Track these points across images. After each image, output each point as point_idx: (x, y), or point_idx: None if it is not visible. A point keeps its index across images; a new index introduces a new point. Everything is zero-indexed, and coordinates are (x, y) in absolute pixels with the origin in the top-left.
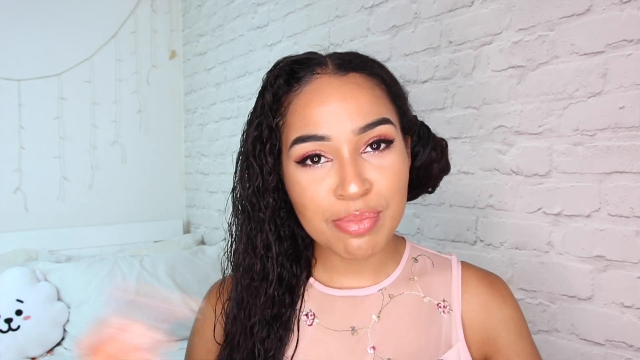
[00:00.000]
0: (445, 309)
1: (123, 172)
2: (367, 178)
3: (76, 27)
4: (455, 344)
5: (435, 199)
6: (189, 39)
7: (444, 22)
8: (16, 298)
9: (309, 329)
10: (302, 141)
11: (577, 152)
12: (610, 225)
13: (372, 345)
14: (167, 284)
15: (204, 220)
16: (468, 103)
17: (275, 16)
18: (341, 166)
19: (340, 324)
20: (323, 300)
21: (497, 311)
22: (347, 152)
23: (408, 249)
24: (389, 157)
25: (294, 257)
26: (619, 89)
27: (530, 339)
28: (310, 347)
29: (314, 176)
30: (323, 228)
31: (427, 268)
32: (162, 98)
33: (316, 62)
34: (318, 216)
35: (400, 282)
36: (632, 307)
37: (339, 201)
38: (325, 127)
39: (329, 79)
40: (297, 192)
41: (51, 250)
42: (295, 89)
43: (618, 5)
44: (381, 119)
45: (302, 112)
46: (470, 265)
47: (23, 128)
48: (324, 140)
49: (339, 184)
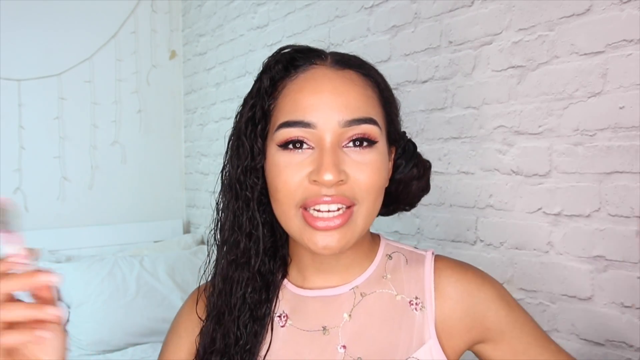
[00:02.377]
0: (418, 306)
1: (123, 172)
2: (343, 170)
3: (76, 27)
4: (427, 341)
5: (435, 199)
6: (189, 39)
7: (444, 22)
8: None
9: (282, 330)
10: (288, 125)
11: (577, 152)
12: (610, 225)
13: (342, 344)
14: (167, 284)
15: (204, 220)
16: (468, 103)
17: (275, 16)
18: (320, 154)
19: (312, 324)
20: (296, 302)
21: (479, 292)
22: (329, 141)
23: (382, 247)
24: (369, 155)
25: (271, 253)
26: (619, 89)
27: (521, 309)
28: (282, 348)
29: (293, 160)
30: (292, 214)
31: (401, 265)
32: (162, 98)
33: (317, 54)
34: (289, 201)
35: (372, 281)
36: (632, 307)
37: (312, 185)
38: (313, 115)
39: (325, 70)
40: (274, 174)
41: (51, 250)
42: (291, 75)
43: (618, 5)
44: (368, 117)
45: (294, 97)
46: (444, 257)
47: (23, 128)
48: (310, 127)
49: (314, 169)
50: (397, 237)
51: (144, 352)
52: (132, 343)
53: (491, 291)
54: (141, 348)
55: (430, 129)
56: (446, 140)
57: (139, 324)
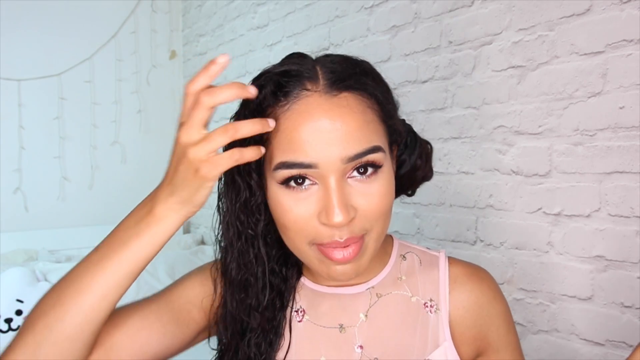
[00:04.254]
0: (432, 308)
1: (123, 172)
2: (352, 205)
3: (76, 27)
4: (442, 344)
5: (435, 199)
6: (189, 39)
7: (444, 22)
8: (16, 298)
9: (299, 325)
10: (287, 167)
11: (577, 152)
12: (610, 225)
13: (359, 344)
14: (167, 284)
15: (204, 220)
16: (468, 103)
17: (275, 16)
18: (326, 193)
19: (329, 320)
20: (313, 297)
21: (489, 307)
22: (333, 180)
23: (396, 247)
24: (375, 183)
25: (283, 261)
26: (619, 89)
27: (515, 331)
28: (300, 344)
29: (298, 198)
30: (306, 249)
31: (415, 267)
32: (162, 98)
33: (307, 77)
34: (301, 238)
35: (388, 282)
36: (632, 307)
37: (322, 226)
38: (313, 155)
39: (318, 99)
40: (279, 212)
41: (51, 250)
42: (282, 103)
43: (618, 5)
44: (371, 148)
45: (289, 135)
46: (458, 261)
47: (23, 128)
48: (311, 168)
49: (322, 210)
50: (397, 237)
51: None
52: None
53: (499, 307)
54: None
55: (430, 129)
56: (446, 140)
57: None
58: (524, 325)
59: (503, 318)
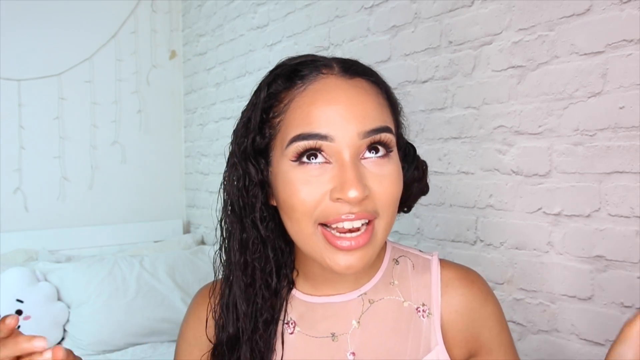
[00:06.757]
0: (425, 312)
1: (123, 172)
2: (366, 184)
3: (76, 27)
4: (434, 348)
5: (435, 199)
6: (189, 39)
7: (444, 22)
8: (16, 298)
9: (291, 337)
10: (303, 139)
11: (577, 152)
12: (610, 225)
13: (352, 351)
14: (167, 284)
15: (204, 220)
16: (468, 103)
17: (275, 16)
18: (342, 169)
19: (320, 330)
20: (304, 309)
21: (481, 309)
22: (348, 155)
23: (389, 251)
24: (388, 166)
25: (275, 273)
26: (619, 89)
27: (508, 330)
28: (292, 356)
29: (309, 175)
30: (310, 233)
31: (408, 271)
32: (162, 98)
33: (322, 63)
34: (306, 218)
35: (380, 287)
36: (632, 307)
37: (333, 204)
38: (330, 127)
39: (336, 80)
40: (288, 192)
41: (51, 250)
42: (298, 86)
43: (618, 5)
44: (385, 126)
45: (306, 109)
46: (450, 264)
47: (23, 128)
48: (327, 140)
49: (336, 186)
50: (397, 237)
51: (144, 352)
52: (132, 343)
53: (491, 309)
54: (141, 348)
55: (430, 129)
56: (446, 140)
57: (139, 324)
58: (524, 325)
59: (495, 319)
